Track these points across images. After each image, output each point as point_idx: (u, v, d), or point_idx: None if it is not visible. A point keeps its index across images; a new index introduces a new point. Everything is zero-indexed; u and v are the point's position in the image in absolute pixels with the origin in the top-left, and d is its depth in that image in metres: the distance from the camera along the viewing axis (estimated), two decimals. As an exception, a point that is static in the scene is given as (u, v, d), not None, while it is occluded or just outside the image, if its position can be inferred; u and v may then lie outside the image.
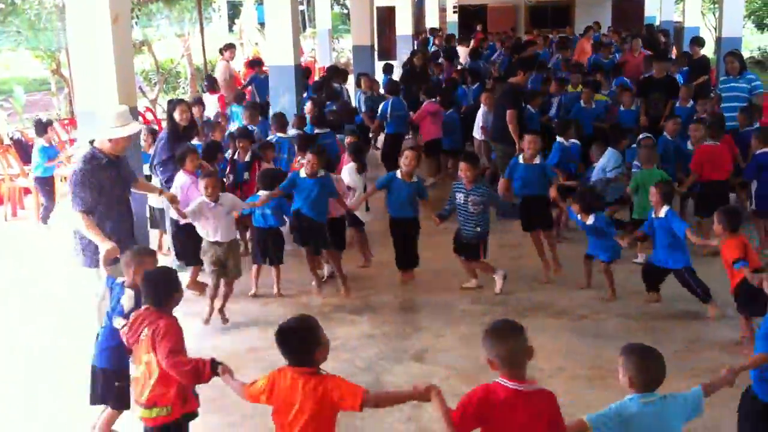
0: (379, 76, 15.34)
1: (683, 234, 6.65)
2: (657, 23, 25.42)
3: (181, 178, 7.49)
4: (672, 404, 3.58)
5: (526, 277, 7.92)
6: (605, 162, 8.73)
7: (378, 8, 19.07)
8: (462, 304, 7.30)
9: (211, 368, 4.09)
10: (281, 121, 9.84)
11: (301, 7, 26.62)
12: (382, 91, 13.22)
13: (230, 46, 15.80)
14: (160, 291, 4.29)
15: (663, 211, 6.77)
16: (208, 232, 6.97)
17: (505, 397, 3.33)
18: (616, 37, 19.81)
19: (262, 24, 26.08)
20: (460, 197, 7.36)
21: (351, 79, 16.60)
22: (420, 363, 6.18)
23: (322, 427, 3.65)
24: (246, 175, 8.75)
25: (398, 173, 7.61)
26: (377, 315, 7.15)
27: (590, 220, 7.22)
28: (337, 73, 14.39)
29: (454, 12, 28.94)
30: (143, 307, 4.37)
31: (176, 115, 8.11)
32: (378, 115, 11.92)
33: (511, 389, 3.34)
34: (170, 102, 8.69)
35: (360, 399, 3.60)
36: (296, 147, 8.98)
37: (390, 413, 5.37)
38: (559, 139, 9.24)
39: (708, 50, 18.84)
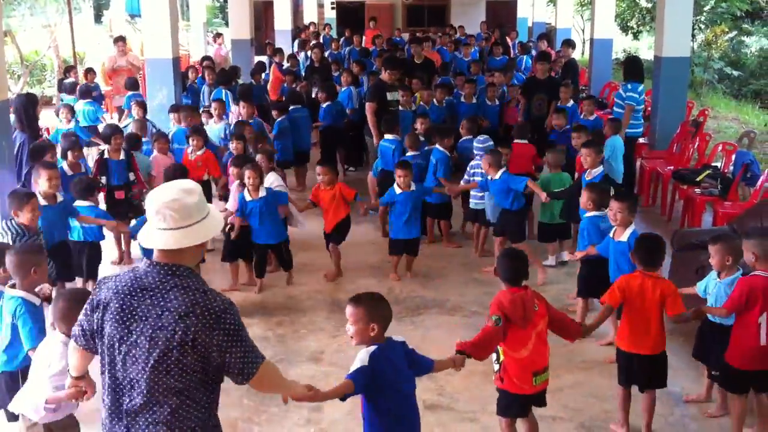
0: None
1: None
2: (529, 24, 26.22)
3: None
4: None
5: (417, 275, 7.94)
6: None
7: (255, 2, 18.70)
8: (355, 303, 7.23)
9: None
10: None
11: None
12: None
13: (120, 39, 15.07)
14: None
15: None
16: None
17: (765, 286, 4.65)
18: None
19: (131, 15, 25.19)
20: None
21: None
22: (316, 364, 6.09)
23: None
24: (131, 175, 8.24)
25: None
26: (271, 316, 6.99)
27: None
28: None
29: (332, 8, 28.85)
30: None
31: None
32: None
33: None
34: (20, 97, 8.09)
35: None
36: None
37: (288, 416, 5.27)
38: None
39: (576, 52, 19.56)
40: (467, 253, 8.59)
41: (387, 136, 9.23)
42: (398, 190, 7.80)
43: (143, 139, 9.39)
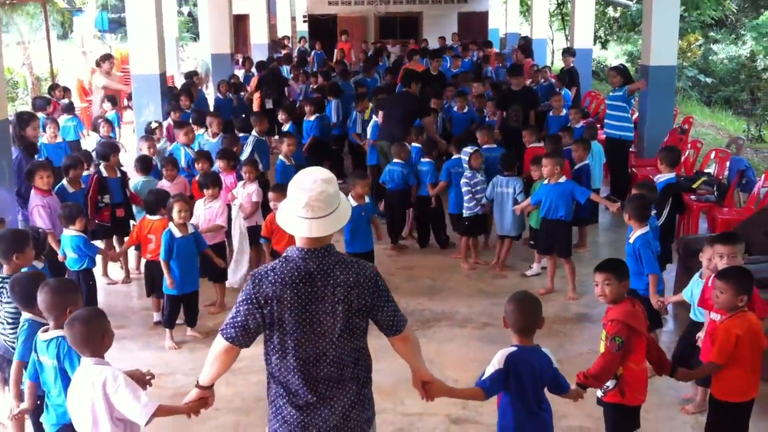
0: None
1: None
2: (501, 35, 26.41)
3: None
4: None
5: (422, 288, 7.93)
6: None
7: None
8: (367, 318, 7.19)
9: None
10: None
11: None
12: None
13: (107, 57, 14.97)
14: None
15: None
16: None
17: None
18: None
19: (101, 31, 24.92)
20: None
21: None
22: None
23: None
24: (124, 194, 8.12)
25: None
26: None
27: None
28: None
29: (304, 21, 28.81)
30: None
31: (30, 132, 7.55)
32: None
33: None
34: (21, 116, 7.91)
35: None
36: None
37: None
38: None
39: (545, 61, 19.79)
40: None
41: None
42: (353, 203, 7.17)
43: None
